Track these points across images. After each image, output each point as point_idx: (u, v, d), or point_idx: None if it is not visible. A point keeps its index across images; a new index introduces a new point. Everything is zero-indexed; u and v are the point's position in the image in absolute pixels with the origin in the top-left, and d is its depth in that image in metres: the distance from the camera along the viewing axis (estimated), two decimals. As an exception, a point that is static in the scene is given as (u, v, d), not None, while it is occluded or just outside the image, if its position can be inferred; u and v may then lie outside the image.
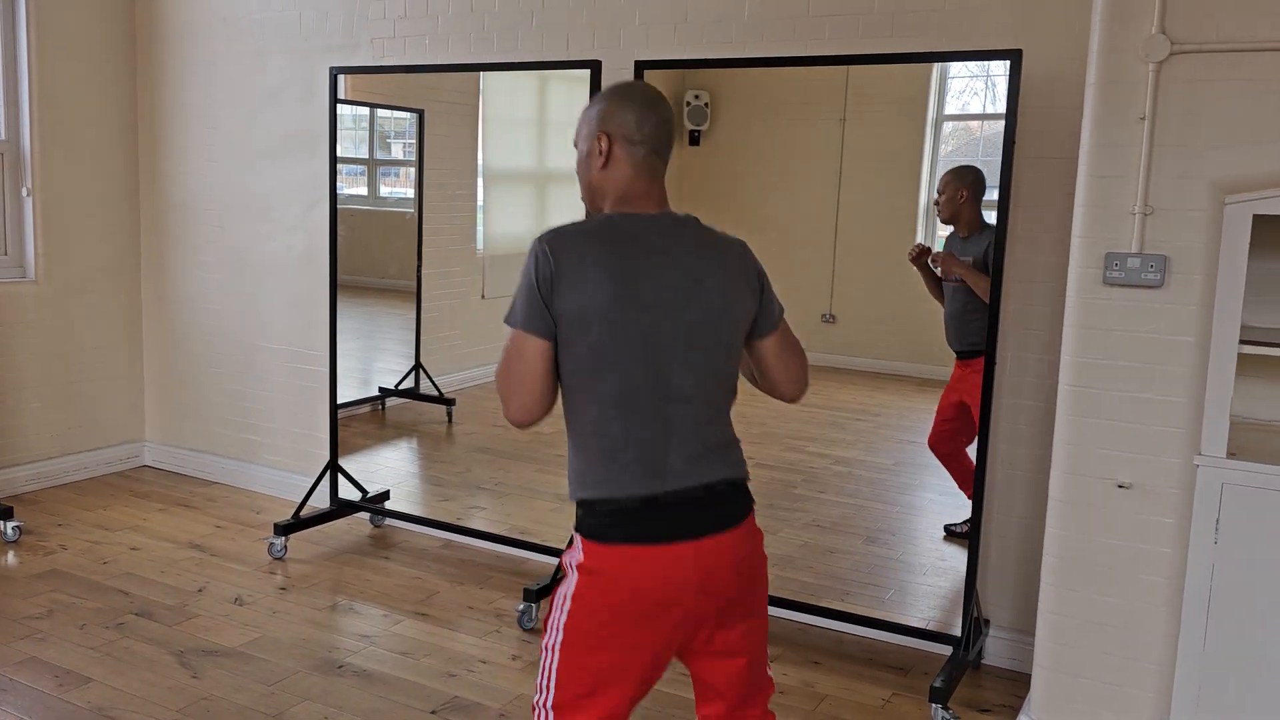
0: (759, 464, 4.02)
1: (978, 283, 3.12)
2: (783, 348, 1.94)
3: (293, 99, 4.41)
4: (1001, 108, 2.89)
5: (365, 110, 4.41)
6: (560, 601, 1.81)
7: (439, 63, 4.02)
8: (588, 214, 1.96)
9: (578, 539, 1.81)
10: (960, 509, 3.23)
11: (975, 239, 3.19)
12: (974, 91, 3.43)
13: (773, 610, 3.46)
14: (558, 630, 1.81)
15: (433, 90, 4.29)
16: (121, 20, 4.74)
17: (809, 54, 3.28)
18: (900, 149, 3.50)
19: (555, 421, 1.88)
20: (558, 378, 1.80)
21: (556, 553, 3.73)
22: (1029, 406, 3.14)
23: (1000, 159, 2.88)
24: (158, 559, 3.85)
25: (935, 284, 3.28)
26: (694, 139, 3.65)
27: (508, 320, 1.79)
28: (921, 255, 3.27)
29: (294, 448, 4.57)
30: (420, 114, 4.38)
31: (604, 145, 1.86)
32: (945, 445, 3.39)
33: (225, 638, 3.23)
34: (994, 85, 3.28)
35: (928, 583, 3.50)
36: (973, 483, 3.08)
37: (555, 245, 1.77)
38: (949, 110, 3.40)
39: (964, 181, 3.22)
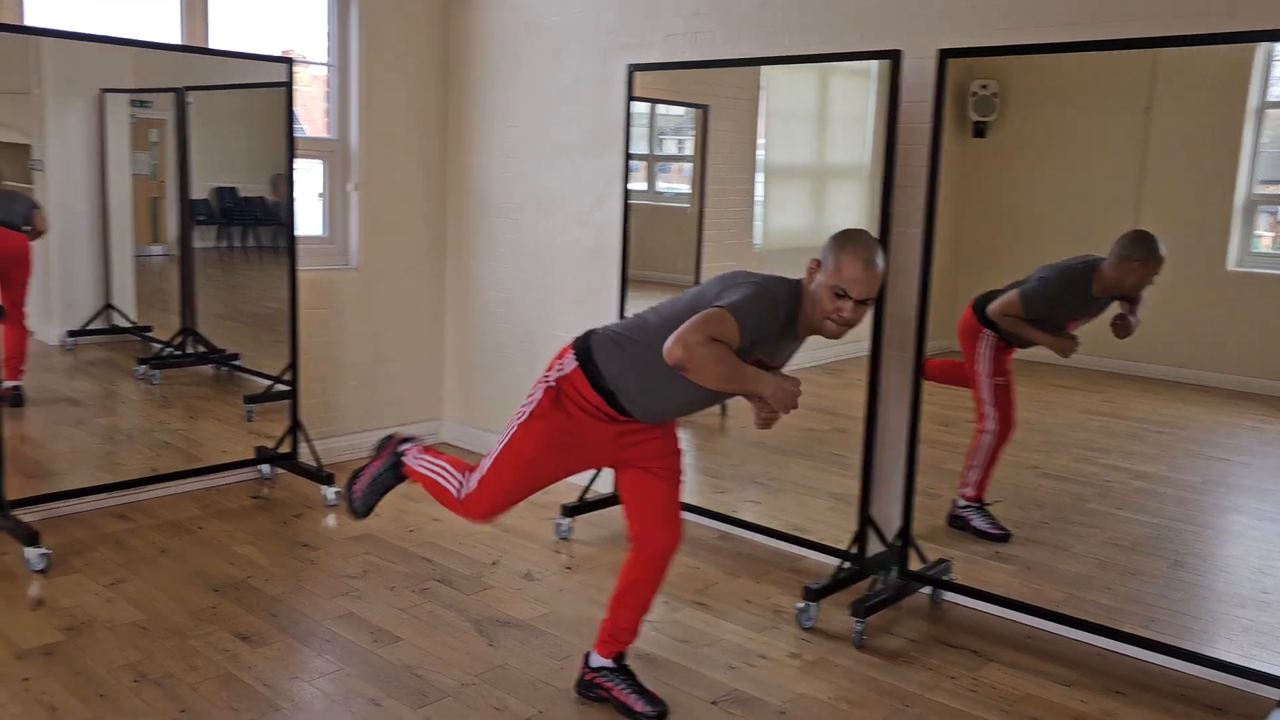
0: (1045, 473, 3.81)
1: None
2: None
3: (587, 98, 4.58)
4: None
5: (644, 107, 4.51)
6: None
7: (734, 57, 4.04)
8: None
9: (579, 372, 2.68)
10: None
11: None
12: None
13: (1066, 631, 3.27)
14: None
15: (716, 86, 4.32)
16: (436, 30, 5.10)
17: (1131, 36, 3.03)
18: (1214, 140, 3.17)
19: (833, 420, 1.89)
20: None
21: (834, 552, 3.67)
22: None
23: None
24: (455, 531, 4.12)
25: None
26: (978, 131, 3.47)
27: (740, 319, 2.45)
28: None
29: (577, 433, 4.75)
30: (705, 109, 4.42)
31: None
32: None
33: (517, 610, 3.41)
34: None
35: (1247, 616, 3.16)
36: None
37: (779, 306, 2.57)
38: (1272, 96, 3.04)
39: None
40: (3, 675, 2.87)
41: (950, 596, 3.57)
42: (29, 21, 3.97)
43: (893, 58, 3.35)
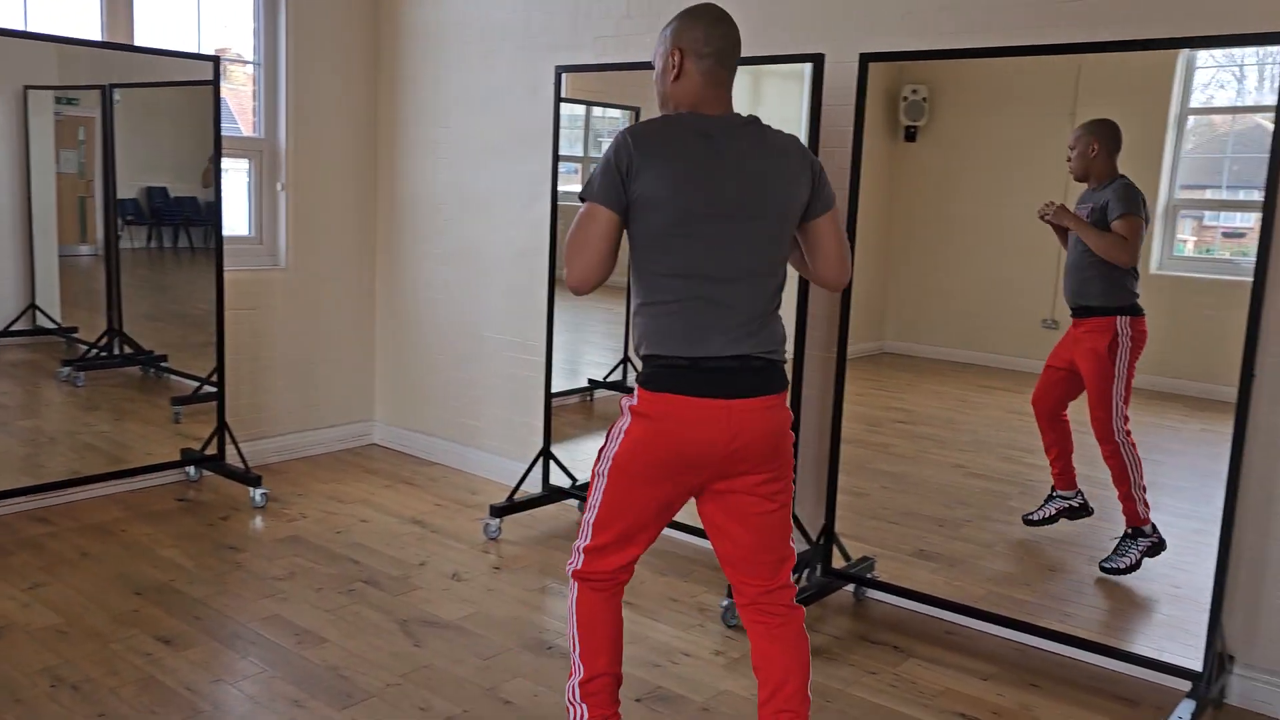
0: (971, 473, 3.88)
1: (1087, 234, 3.12)
2: (831, 229, 2.20)
3: (518, 99, 4.58)
4: (1252, 100, 2.65)
5: (581, 109, 4.52)
6: (614, 435, 2.16)
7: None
8: None
9: (637, 388, 2.12)
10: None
11: (1103, 189, 3.11)
12: (1220, 83, 3.14)
13: (987, 627, 3.34)
14: (608, 459, 2.16)
15: (648, 88, 4.34)
16: (366, 28, 5.06)
17: (1051, 42, 3.11)
18: (1137, 146, 3.26)
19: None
20: (615, 251, 2.09)
21: (761, 551, 3.70)
22: (1289, 425, 2.86)
23: (1265, 157, 2.64)
24: (383, 532, 4.09)
25: (1064, 236, 3.24)
26: (909, 135, 3.53)
27: (584, 194, 2.09)
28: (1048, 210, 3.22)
29: (509, 434, 4.76)
30: (636, 111, 4.45)
31: (676, 59, 2.15)
32: (1047, 404, 3.37)
33: (444, 610, 3.40)
34: (1245, 75, 3.00)
35: (1163, 612, 3.25)
36: (1067, 452, 3.26)
37: (637, 136, 2.06)
38: (1193, 104, 3.14)
39: (1095, 134, 3.13)
40: (-91, 682, 2.80)
41: (874, 594, 3.63)
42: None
43: (816, 61, 3.41)
